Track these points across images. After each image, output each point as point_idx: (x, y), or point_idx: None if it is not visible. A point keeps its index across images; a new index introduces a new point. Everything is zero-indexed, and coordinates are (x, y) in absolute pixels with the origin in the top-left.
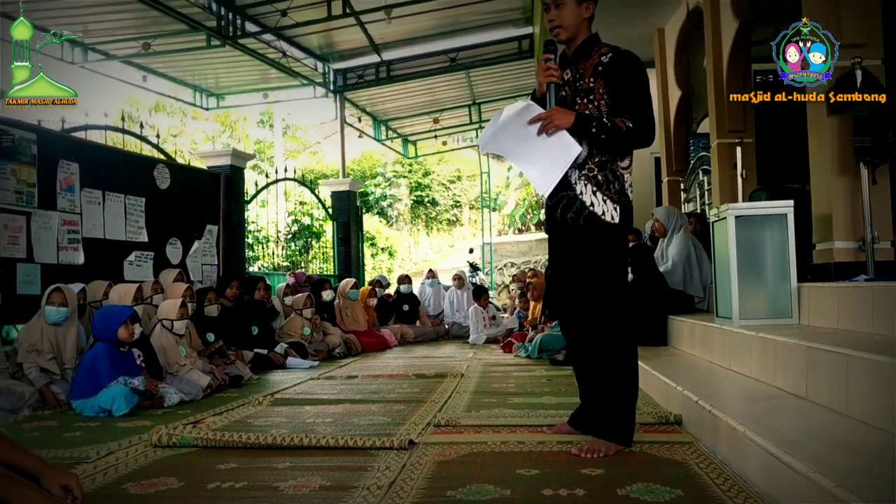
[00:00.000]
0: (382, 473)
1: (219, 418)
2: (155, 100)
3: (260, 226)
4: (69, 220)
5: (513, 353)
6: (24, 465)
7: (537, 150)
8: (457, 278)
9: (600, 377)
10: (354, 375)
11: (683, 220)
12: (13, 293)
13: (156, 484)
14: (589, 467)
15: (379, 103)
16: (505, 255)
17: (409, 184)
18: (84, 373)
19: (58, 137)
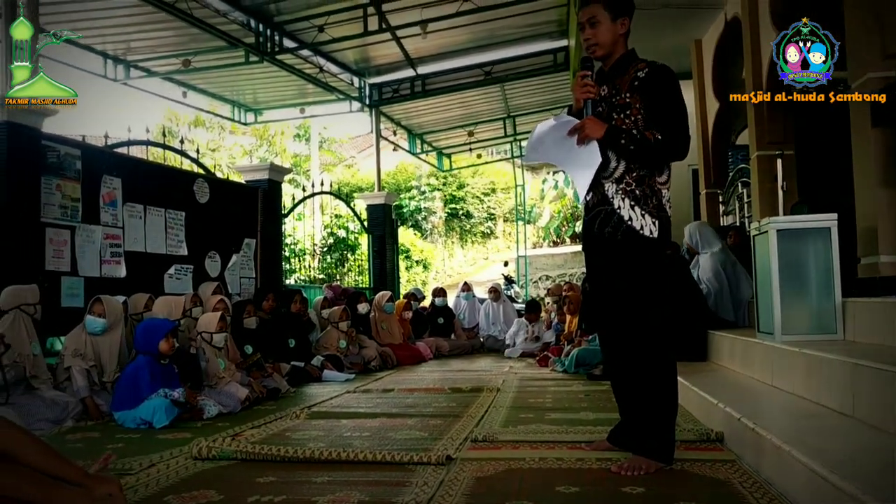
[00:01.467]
0: (421, 489)
1: (257, 431)
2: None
3: (296, 239)
4: (112, 234)
5: (549, 367)
6: (68, 476)
7: (575, 159)
8: (492, 291)
9: (640, 393)
10: (390, 389)
11: (708, 238)
12: (57, 306)
13: (196, 497)
14: (629, 485)
15: (414, 117)
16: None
17: (444, 196)
18: (126, 385)
19: (101, 153)
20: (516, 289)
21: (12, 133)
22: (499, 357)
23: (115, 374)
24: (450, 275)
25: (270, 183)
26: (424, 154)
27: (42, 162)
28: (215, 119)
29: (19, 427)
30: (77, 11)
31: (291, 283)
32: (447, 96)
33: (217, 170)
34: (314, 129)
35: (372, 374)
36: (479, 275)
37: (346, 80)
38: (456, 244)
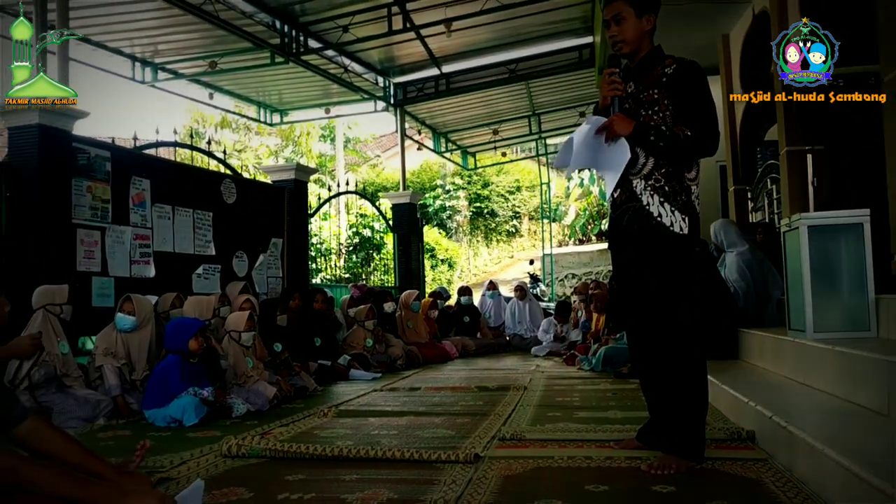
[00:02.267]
0: (449, 487)
1: (286, 429)
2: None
3: (322, 238)
4: (141, 234)
5: (576, 365)
6: (100, 472)
7: (605, 157)
8: (519, 289)
9: (669, 391)
10: (417, 387)
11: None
12: (88, 306)
13: (227, 494)
14: (660, 484)
15: (438, 116)
16: (566, 266)
17: (469, 195)
18: (156, 383)
19: (130, 154)
20: (542, 287)
21: (44, 136)
22: (525, 356)
23: (144, 373)
24: (475, 273)
25: (296, 183)
26: (449, 153)
27: (73, 164)
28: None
29: (54, 425)
30: (106, 15)
31: (317, 283)
32: (471, 95)
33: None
34: (339, 129)
35: (398, 372)
36: (504, 273)
37: (371, 80)
38: (481, 243)
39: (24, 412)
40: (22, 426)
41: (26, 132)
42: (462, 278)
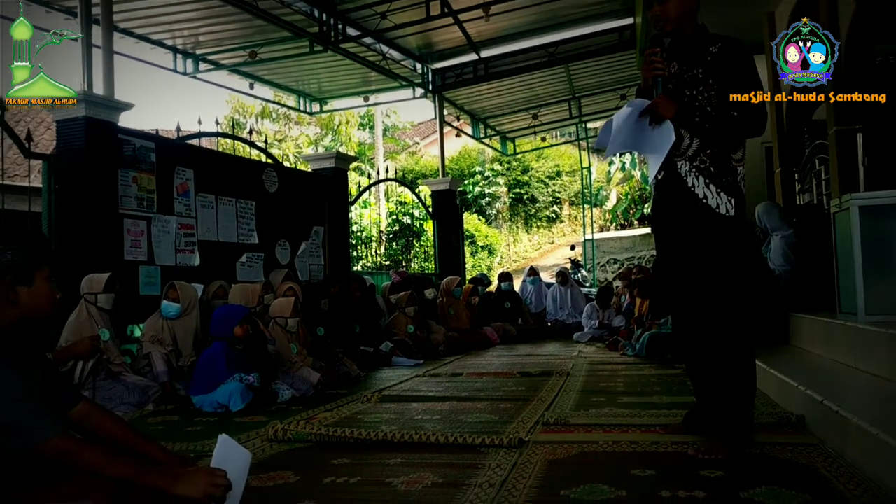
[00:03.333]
0: (493, 471)
1: (330, 414)
2: (261, 106)
3: (363, 226)
4: (185, 223)
5: (619, 351)
6: (151, 455)
7: (649, 140)
8: (560, 275)
9: (717, 375)
10: (459, 373)
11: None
12: (136, 294)
13: (274, 477)
14: (707, 469)
15: (477, 101)
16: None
17: (508, 181)
18: (203, 369)
19: (174, 145)
20: (584, 273)
21: (90, 128)
22: (567, 342)
23: (190, 359)
24: (515, 260)
25: (337, 171)
26: (488, 138)
27: (119, 155)
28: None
29: (105, 409)
30: (148, 8)
31: (358, 270)
32: (510, 79)
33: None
34: (378, 117)
35: (440, 358)
36: (544, 259)
37: (409, 67)
38: (521, 229)
39: (76, 396)
40: (75, 410)
41: (73, 124)
42: (502, 265)
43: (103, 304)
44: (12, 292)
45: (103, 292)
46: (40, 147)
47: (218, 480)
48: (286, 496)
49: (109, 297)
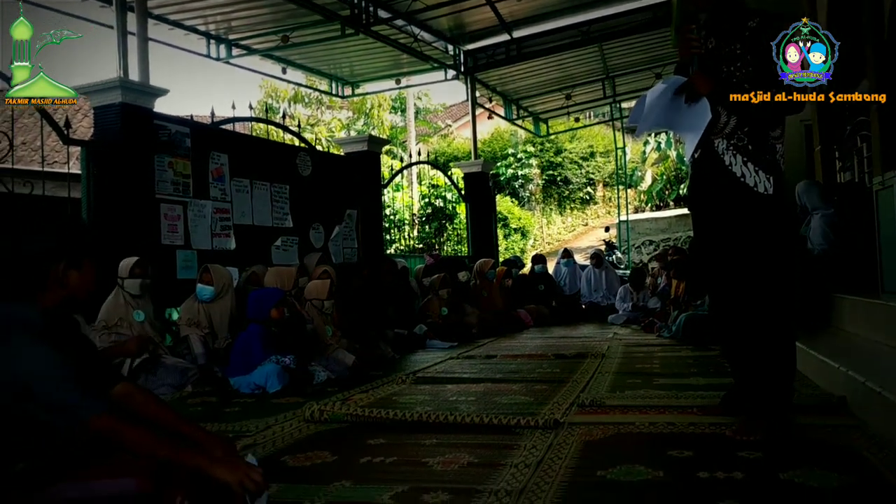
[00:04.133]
0: (529, 452)
1: (365, 396)
2: (293, 91)
3: (395, 209)
4: (221, 208)
5: (655, 333)
6: (190, 435)
7: (685, 118)
8: (595, 257)
9: (756, 356)
10: (493, 355)
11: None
12: (174, 278)
13: (311, 457)
14: (746, 450)
15: (509, 82)
16: (642, 232)
17: (541, 163)
18: (240, 351)
19: (208, 130)
20: (618, 254)
21: (126, 113)
22: (601, 324)
23: (226, 341)
24: (548, 242)
25: (369, 154)
26: (521, 120)
27: (155, 140)
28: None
29: (145, 389)
30: None
31: (391, 253)
32: (543, 59)
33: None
34: (410, 99)
35: (474, 341)
36: (578, 242)
37: (441, 49)
38: (554, 211)
39: (116, 377)
40: (116, 390)
41: (110, 111)
42: (535, 247)
43: (129, 289)
44: (65, 276)
45: (128, 277)
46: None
47: (255, 475)
48: (324, 475)
49: (134, 283)
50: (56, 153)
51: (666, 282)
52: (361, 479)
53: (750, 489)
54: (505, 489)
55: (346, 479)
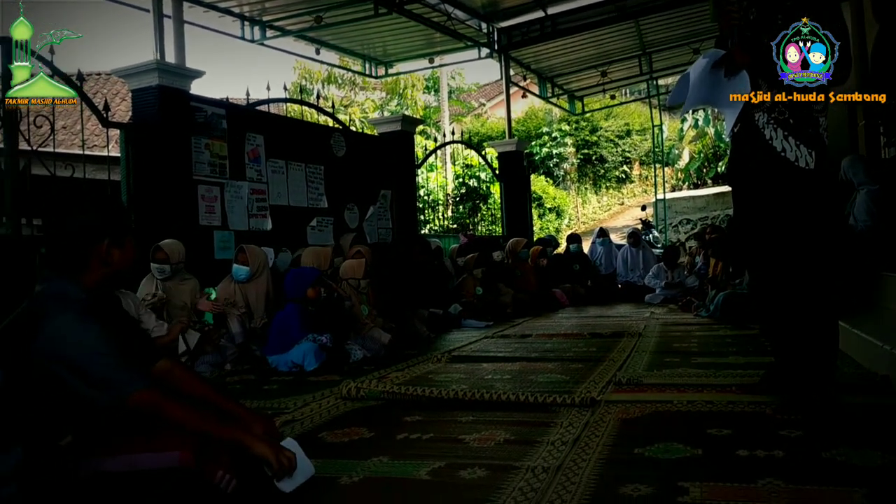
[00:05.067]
0: (566, 430)
1: (401, 374)
2: (327, 72)
3: (429, 189)
4: (257, 189)
5: (692, 312)
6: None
7: (724, 92)
8: (632, 236)
9: (797, 334)
10: (528, 334)
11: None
12: (211, 258)
13: (348, 433)
14: (787, 429)
15: (544, 60)
16: (679, 211)
17: (576, 141)
18: (277, 330)
19: (244, 111)
20: (655, 233)
21: (164, 96)
22: (638, 303)
23: (262, 321)
24: (584, 222)
25: (403, 134)
26: (555, 98)
27: (191, 122)
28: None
29: (187, 367)
30: None
31: (426, 234)
32: (578, 36)
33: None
34: (443, 79)
35: (508, 320)
36: (614, 221)
37: (474, 27)
38: (589, 190)
39: (158, 353)
40: (157, 366)
41: (147, 93)
42: (570, 227)
43: (154, 272)
44: (108, 254)
45: (151, 261)
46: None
47: (289, 454)
48: (361, 451)
49: (154, 266)
50: (96, 137)
51: (703, 261)
52: (398, 455)
53: (791, 467)
54: (542, 466)
55: (382, 455)
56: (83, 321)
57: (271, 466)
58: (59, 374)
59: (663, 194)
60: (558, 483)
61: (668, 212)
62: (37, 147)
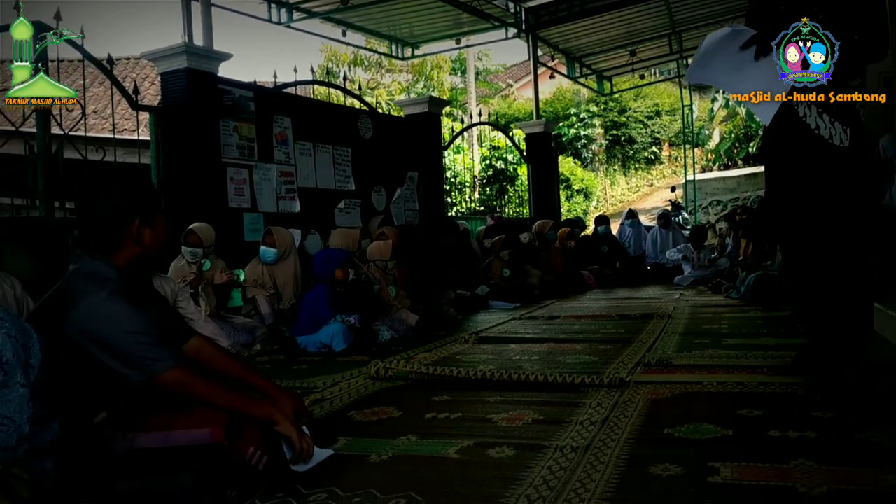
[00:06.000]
0: (594, 410)
1: (429, 354)
2: (353, 54)
3: (456, 171)
4: (285, 171)
5: (723, 294)
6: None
7: (753, 76)
8: (662, 217)
9: (831, 315)
10: (556, 316)
11: None
12: (241, 240)
13: (377, 413)
14: (820, 410)
15: (572, 39)
16: (710, 192)
17: (604, 122)
18: (306, 311)
19: (272, 94)
20: (685, 215)
21: (192, 79)
22: (667, 285)
23: (290, 302)
24: (612, 203)
25: (430, 116)
26: (584, 78)
27: (220, 105)
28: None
29: (218, 345)
30: None
31: (452, 216)
32: (607, 15)
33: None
34: (470, 60)
35: (536, 302)
36: (643, 202)
37: (501, 6)
38: (618, 172)
39: (188, 332)
40: (188, 344)
41: (176, 76)
42: (598, 208)
43: (186, 256)
44: (140, 233)
45: (183, 244)
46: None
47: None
48: (390, 429)
49: (186, 250)
50: (126, 121)
51: (734, 242)
52: (426, 434)
53: (824, 448)
54: (570, 445)
55: (411, 434)
56: (116, 300)
57: (293, 448)
58: (93, 352)
59: (693, 175)
60: (587, 462)
61: (698, 193)
62: (68, 131)
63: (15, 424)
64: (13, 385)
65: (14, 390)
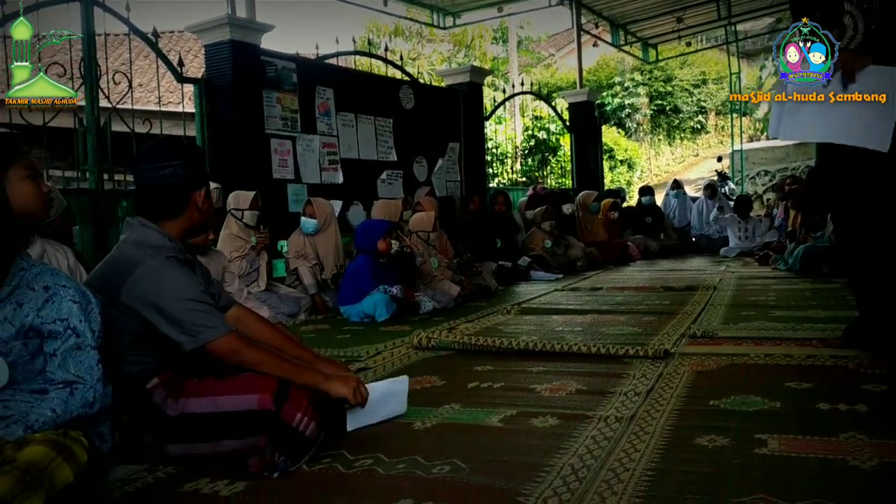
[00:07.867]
0: (639, 381)
1: (471, 325)
2: (394, 25)
3: (497, 142)
4: (328, 142)
5: (770, 265)
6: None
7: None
8: (708, 188)
9: (884, 287)
10: (599, 287)
11: None
12: (285, 211)
13: (421, 381)
14: (871, 383)
15: (616, 6)
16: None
17: (649, 91)
18: (349, 281)
19: (314, 65)
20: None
21: (236, 50)
22: (713, 257)
23: (332, 272)
24: (656, 174)
25: (471, 86)
26: (628, 46)
27: (263, 76)
28: (414, 28)
29: (258, 315)
30: None
31: (494, 187)
32: None
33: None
34: (512, 29)
35: (578, 273)
36: (688, 173)
37: None
38: (663, 142)
39: (230, 300)
40: (229, 313)
41: (220, 48)
42: (642, 179)
43: (249, 220)
44: (204, 202)
45: (249, 209)
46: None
47: (363, 389)
48: (434, 398)
49: (254, 214)
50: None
51: (783, 213)
52: (470, 403)
53: (875, 422)
54: (615, 415)
55: (455, 402)
56: (173, 266)
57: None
58: (150, 318)
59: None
60: (632, 433)
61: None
62: (116, 104)
63: (88, 384)
64: (85, 347)
65: (86, 352)
